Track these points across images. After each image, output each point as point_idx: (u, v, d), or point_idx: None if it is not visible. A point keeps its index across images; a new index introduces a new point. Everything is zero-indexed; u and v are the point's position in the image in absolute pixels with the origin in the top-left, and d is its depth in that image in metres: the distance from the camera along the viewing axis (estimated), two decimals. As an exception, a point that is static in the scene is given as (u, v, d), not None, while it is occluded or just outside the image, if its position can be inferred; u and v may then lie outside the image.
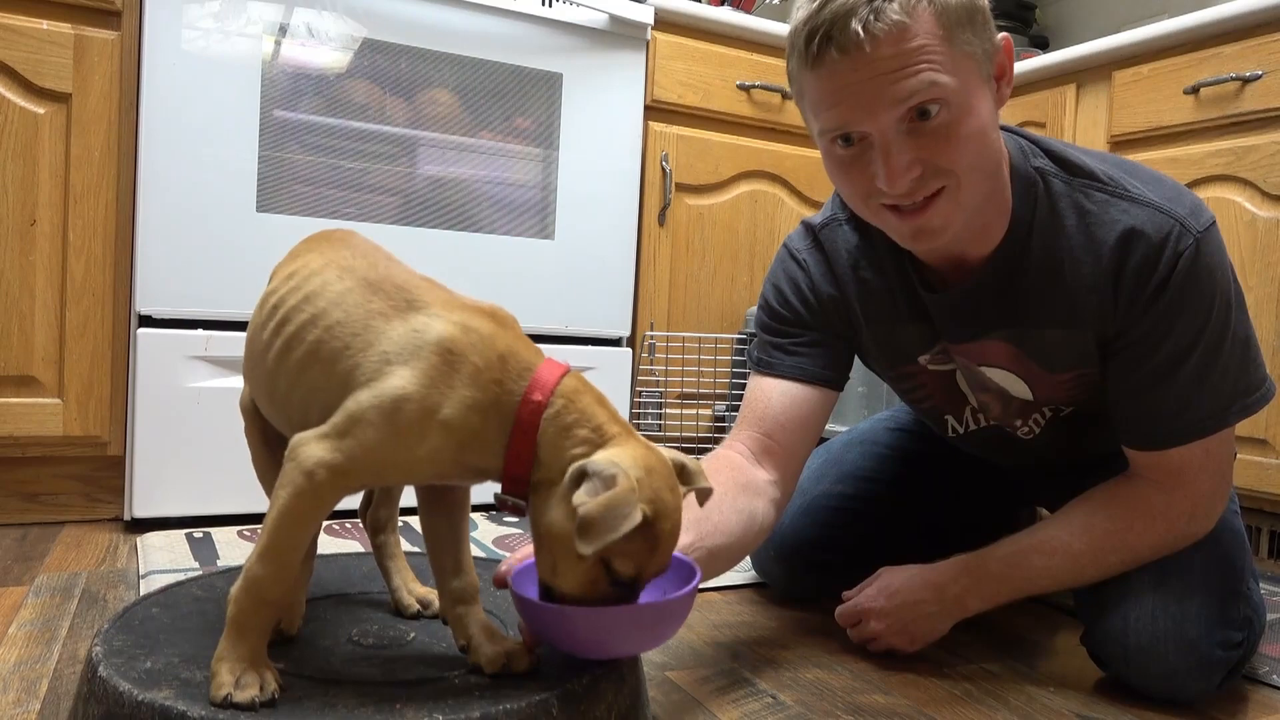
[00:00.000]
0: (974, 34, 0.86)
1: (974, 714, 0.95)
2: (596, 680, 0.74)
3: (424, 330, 0.69)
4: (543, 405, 0.69)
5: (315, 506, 0.67)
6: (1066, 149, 0.99)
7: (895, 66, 0.83)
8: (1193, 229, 0.91)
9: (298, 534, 0.67)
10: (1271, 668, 1.11)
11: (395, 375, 0.67)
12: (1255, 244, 1.62)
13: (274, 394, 0.76)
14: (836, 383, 1.14)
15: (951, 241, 0.95)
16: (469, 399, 0.67)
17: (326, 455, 0.66)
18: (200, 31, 1.54)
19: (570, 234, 1.87)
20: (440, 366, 0.67)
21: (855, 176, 0.91)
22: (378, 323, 0.71)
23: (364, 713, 0.65)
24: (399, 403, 0.66)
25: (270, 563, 0.67)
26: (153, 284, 1.54)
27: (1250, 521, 1.63)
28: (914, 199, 0.89)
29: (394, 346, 0.69)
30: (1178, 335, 0.93)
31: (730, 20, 2.04)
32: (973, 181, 0.89)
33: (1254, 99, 1.64)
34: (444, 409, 0.67)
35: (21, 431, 1.51)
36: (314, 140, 1.64)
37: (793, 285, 1.13)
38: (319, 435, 0.67)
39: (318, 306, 0.73)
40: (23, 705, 0.87)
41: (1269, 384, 0.99)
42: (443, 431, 0.67)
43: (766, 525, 1.06)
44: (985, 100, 0.89)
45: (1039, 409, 1.09)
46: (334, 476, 0.66)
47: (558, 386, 0.70)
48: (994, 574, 1.05)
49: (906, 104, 0.84)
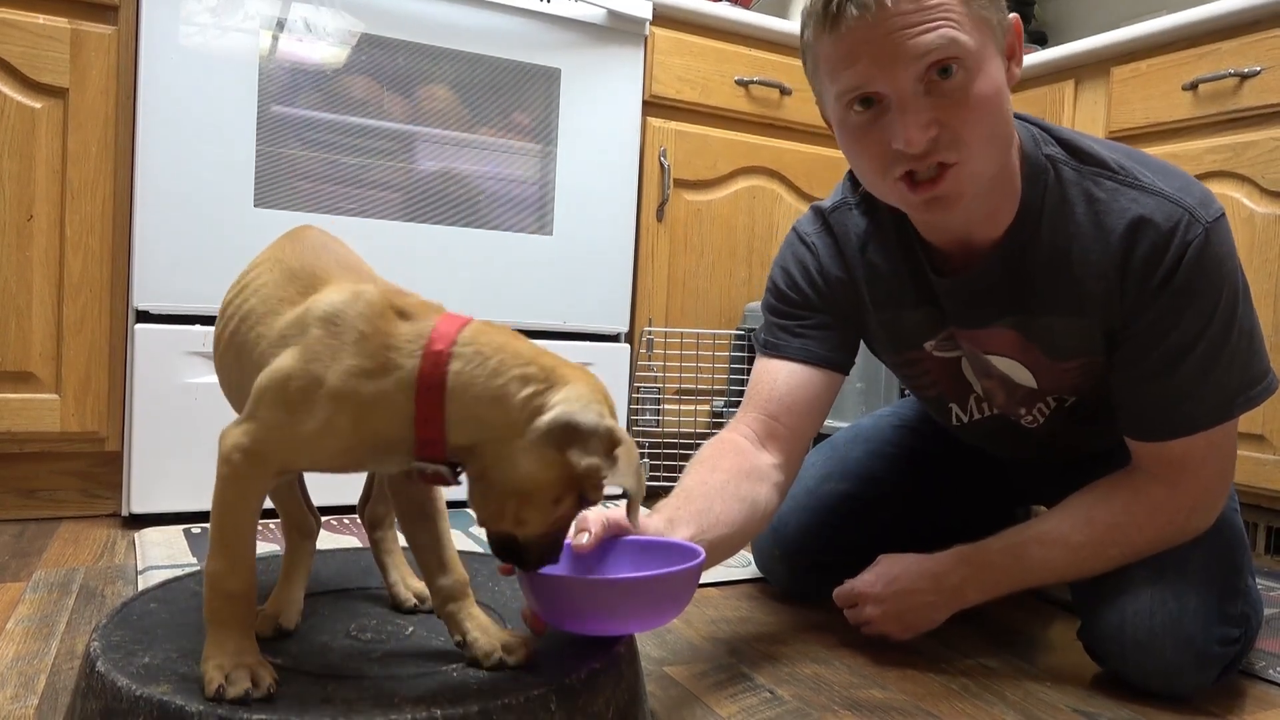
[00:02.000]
0: (990, 1, 0.88)
1: (971, 709, 0.95)
2: (595, 675, 0.74)
3: (312, 306, 0.69)
4: (445, 355, 0.65)
5: (241, 491, 0.68)
6: (1078, 137, 0.99)
7: (914, 22, 0.83)
8: (1202, 219, 0.91)
9: (235, 521, 0.68)
10: (1268, 663, 1.12)
11: (285, 355, 0.67)
12: (1253, 240, 1.62)
13: (222, 384, 0.80)
14: (843, 366, 1.14)
15: (961, 220, 0.95)
16: (354, 367, 0.65)
17: (240, 439, 0.67)
18: (197, 26, 1.54)
19: (569, 230, 1.87)
20: (324, 339, 0.66)
21: (871, 144, 0.91)
22: (284, 309, 0.72)
23: (362, 707, 0.65)
24: (285, 379, 0.66)
25: (220, 556, 0.67)
26: (150, 279, 1.54)
27: (1248, 517, 1.63)
28: (928, 162, 0.88)
29: (290, 328, 0.69)
30: (1185, 325, 0.93)
31: (728, 15, 2.04)
32: (985, 153, 0.89)
33: (1252, 95, 1.64)
34: (328, 380, 0.65)
35: (19, 427, 1.51)
36: (312, 135, 1.64)
37: (801, 268, 1.13)
38: (235, 422, 0.68)
39: (243, 298, 0.76)
40: (21, 700, 0.87)
41: (1272, 377, 0.99)
42: (331, 402, 0.65)
43: (769, 511, 1.06)
44: (1000, 69, 0.89)
45: (1043, 398, 1.09)
46: (248, 459, 0.67)
47: (460, 334, 0.67)
48: (993, 565, 1.05)
49: (925, 60, 0.84)
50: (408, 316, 0.68)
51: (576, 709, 0.71)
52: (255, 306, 0.73)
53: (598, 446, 0.65)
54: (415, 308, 0.69)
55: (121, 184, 1.55)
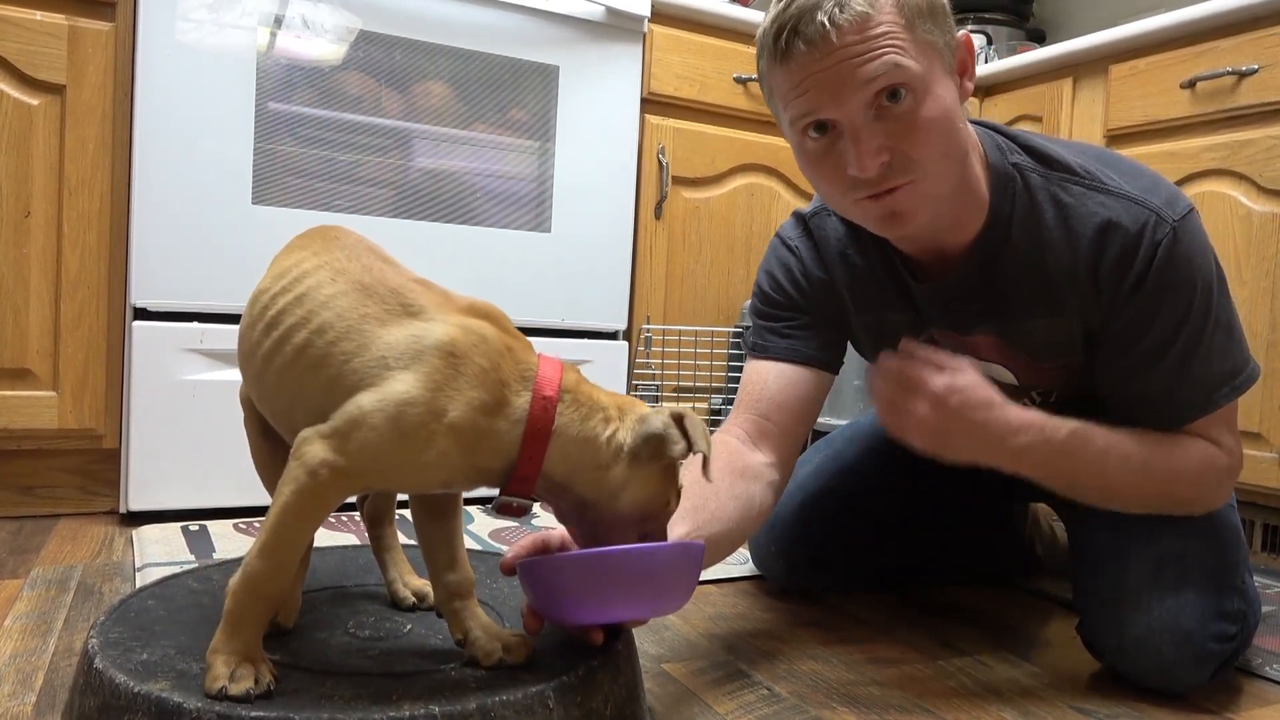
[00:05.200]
0: (934, 25, 0.88)
1: (969, 705, 0.95)
2: (593, 672, 0.74)
3: (424, 335, 0.69)
4: (554, 401, 0.70)
5: (316, 505, 0.67)
6: (1044, 143, 1.00)
7: (859, 52, 0.85)
8: (1168, 218, 0.92)
9: (298, 531, 0.68)
10: (1265, 660, 1.12)
11: (398, 380, 0.67)
12: (1250, 238, 1.62)
13: (263, 392, 0.77)
14: (831, 364, 1.15)
15: (925, 230, 0.96)
16: (475, 400, 0.68)
17: (330, 456, 0.66)
18: (194, 23, 1.54)
19: (566, 227, 1.87)
20: (444, 370, 0.67)
21: (828, 170, 0.92)
22: (371, 327, 0.70)
23: (360, 705, 0.65)
24: (404, 407, 0.66)
25: (269, 559, 0.67)
26: (148, 276, 1.54)
27: (1245, 515, 1.64)
28: (882, 188, 0.90)
29: (392, 351, 0.69)
30: (1161, 322, 0.94)
31: (727, 13, 2.03)
32: (939, 172, 0.90)
33: (1250, 93, 1.64)
34: (450, 412, 0.67)
35: (16, 424, 1.50)
36: (309, 133, 1.64)
37: (785, 270, 1.14)
38: (322, 434, 0.67)
39: (308, 309, 0.73)
40: (19, 698, 0.87)
41: (1253, 365, 1.00)
42: (450, 435, 0.67)
43: (765, 509, 1.06)
44: (949, 90, 0.90)
45: (1026, 394, 1.10)
46: (336, 477, 0.66)
47: (562, 382, 0.72)
48: (1058, 444, 0.95)
49: (872, 87, 0.85)
50: (513, 353, 0.72)
51: (575, 706, 0.71)
52: (331, 321, 0.71)
53: (675, 433, 0.71)
54: (515, 344, 0.73)
55: (119, 180, 1.55)
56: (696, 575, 0.77)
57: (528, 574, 0.76)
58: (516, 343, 0.73)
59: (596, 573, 0.72)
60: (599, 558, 0.72)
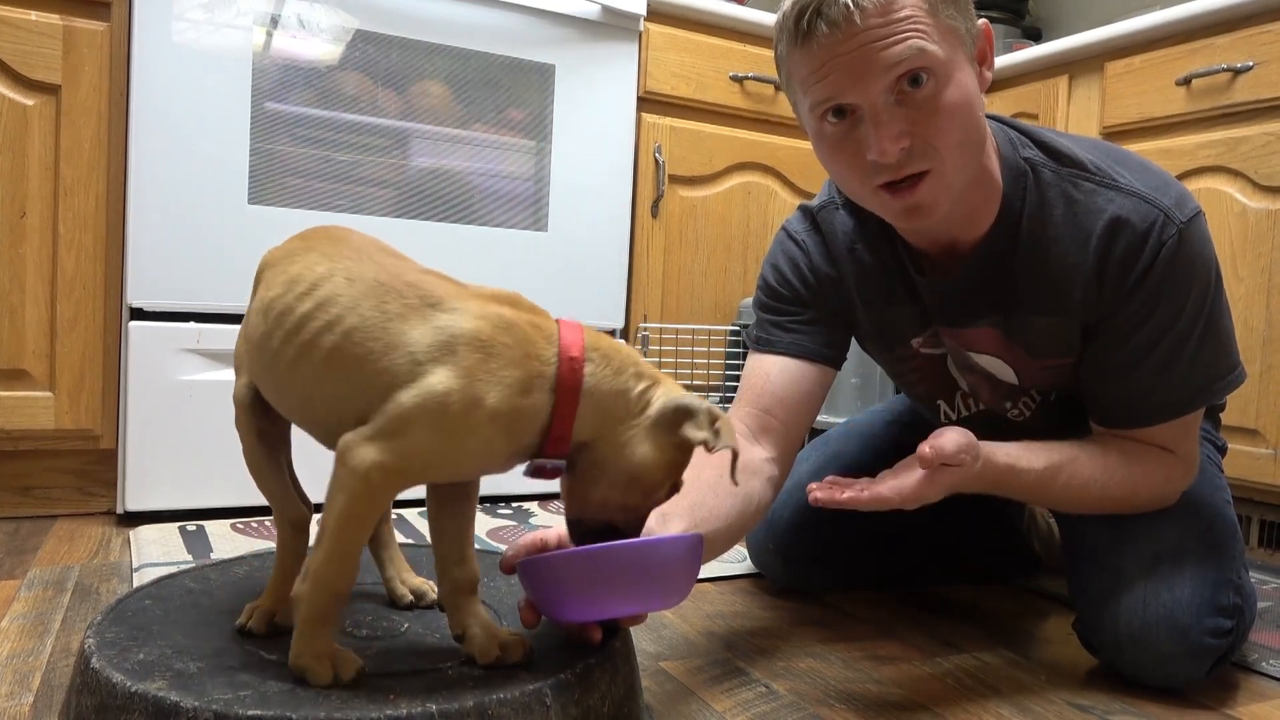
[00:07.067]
0: (957, 10, 0.88)
1: (966, 702, 0.96)
2: (590, 670, 0.74)
3: (449, 325, 0.70)
4: (581, 361, 0.72)
5: (372, 507, 0.69)
6: (1056, 138, 1.00)
7: (883, 35, 0.84)
8: (1176, 219, 0.93)
9: (359, 532, 0.69)
10: (1261, 655, 1.12)
11: (434, 375, 0.68)
12: (1246, 235, 1.63)
13: (292, 400, 0.76)
14: (834, 360, 1.14)
15: (941, 223, 0.96)
16: (509, 379, 0.69)
17: (380, 457, 0.67)
18: (190, 23, 1.54)
19: (563, 226, 1.87)
20: (476, 357, 0.69)
21: (847, 155, 0.92)
22: (397, 324, 0.71)
23: (358, 703, 0.65)
24: (444, 399, 0.67)
25: (338, 561, 0.69)
26: (144, 277, 1.53)
27: (1241, 511, 1.64)
28: (902, 174, 0.89)
29: (422, 346, 0.69)
30: (1155, 321, 0.95)
31: (723, 11, 2.04)
32: (958, 160, 0.90)
33: (1245, 90, 1.64)
34: (489, 397, 0.68)
35: (13, 425, 1.50)
36: (306, 132, 1.64)
37: (791, 264, 1.14)
38: (366, 438, 0.68)
39: (331, 313, 0.72)
40: (16, 698, 0.87)
41: (1239, 370, 1.01)
42: (491, 421, 0.68)
43: (763, 505, 1.06)
44: (970, 77, 0.90)
45: (1027, 392, 1.10)
46: (388, 478, 0.67)
47: (586, 340, 0.74)
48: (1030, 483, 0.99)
49: (895, 71, 0.85)
50: (534, 325, 0.73)
51: (573, 704, 0.71)
52: (356, 323, 0.71)
53: (705, 422, 0.73)
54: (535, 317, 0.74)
55: (115, 181, 1.55)
56: (697, 569, 0.77)
57: (528, 573, 0.76)
58: (536, 316, 0.74)
59: (597, 568, 0.72)
60: (599, 553, 0.72)
